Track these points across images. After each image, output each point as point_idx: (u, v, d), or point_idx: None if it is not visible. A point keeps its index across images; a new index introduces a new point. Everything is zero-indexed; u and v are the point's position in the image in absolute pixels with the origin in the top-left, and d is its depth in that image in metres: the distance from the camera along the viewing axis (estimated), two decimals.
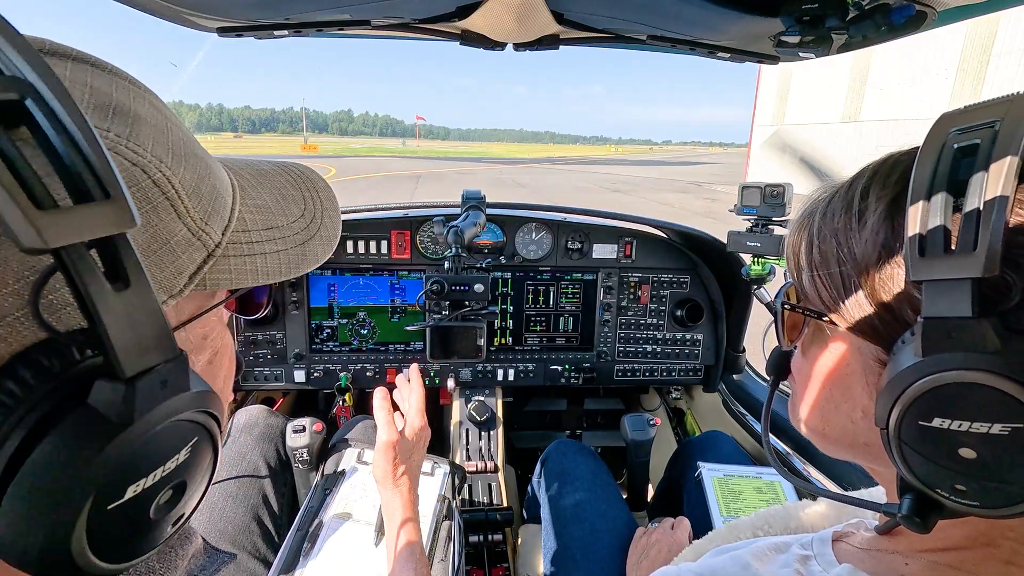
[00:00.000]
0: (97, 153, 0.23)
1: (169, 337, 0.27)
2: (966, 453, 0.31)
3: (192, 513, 0.33)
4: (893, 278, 0.36)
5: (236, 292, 0.42)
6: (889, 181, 0.38)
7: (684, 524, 1.10)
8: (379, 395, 0.98)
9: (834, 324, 0.41)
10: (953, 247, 0.30)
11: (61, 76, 0.29)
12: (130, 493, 0.27)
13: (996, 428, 0.29)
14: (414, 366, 1.07)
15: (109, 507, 0.26)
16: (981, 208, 0.29)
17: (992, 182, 0.29)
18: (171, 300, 0.33)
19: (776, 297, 0.48)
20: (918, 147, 0.35)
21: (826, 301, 0.41)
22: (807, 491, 0.49)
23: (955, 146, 0.32)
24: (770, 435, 0.56)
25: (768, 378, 0.54)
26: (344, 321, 1.66)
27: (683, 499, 1.29)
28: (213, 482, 0.36)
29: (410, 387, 1.03)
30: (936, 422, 0.31)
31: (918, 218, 0.32)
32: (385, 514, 0.91)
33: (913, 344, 0.32)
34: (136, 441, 0.26)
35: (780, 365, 0.51)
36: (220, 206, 0.37)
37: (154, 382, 0.26)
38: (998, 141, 0.30)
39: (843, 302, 0.39)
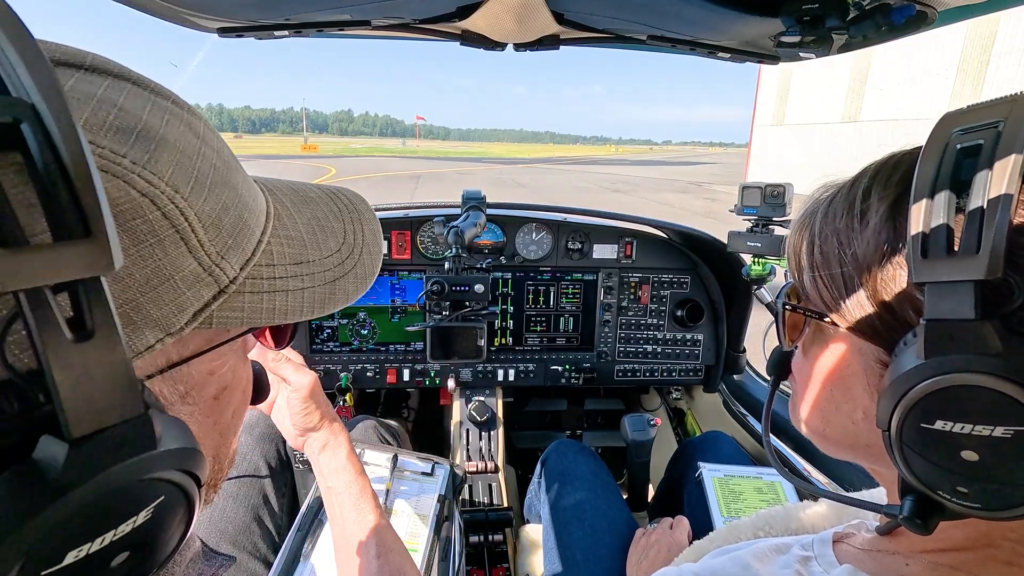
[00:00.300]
0: (85, 186, 0.21)
1: (133, 395, 0.25)
2: (968, 456, 0.31)
3: (165, 563, 0.30)
4: (895, 279, 0.36)
5: (249, 330, 0.39)
6: (891, 181, 0.38)
7: (683, 523, 1.10)
8: (269, 354, 0.81)
9: (835, 325, 0.41)
10: (956, 249, 0.30)
11: (91, 95, 0.28)
12: (71, 559, 0.24)
13: (999, 431, 0.29)
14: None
15: (44, 573, 0.23)
16: (984, 209, 0.29)
17: (995, 183, 0.29)
18: (168, 339, 0.30)
19: (777, 297, 0.48)
20: (920, 147, 0.35)
21: (827, 301, 0.41)
22: (808, 492, 0.49)
23: (958, 146, 0.32)
24: (770, 435, 0.56)
25: (768, 378, 0.54)
26: (344, 321, 1.66)
27: (683, 499, 1.29)
28: None
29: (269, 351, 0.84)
30: (938, 424, 0.31)
31: (920, 219, 0.32)
32: (327, 465, 0.82)
33: (915, 346, 0.32)
34: (78, 506, 0.23)
35: (781, 365, 0.51)
36: (244, 239, 0.34)
37: (106, 444, 0.24)
38: (1001, 142, 0.30)
39: (844, 303, 0.39)
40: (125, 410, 0.24)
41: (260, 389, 0.48)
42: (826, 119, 15.58)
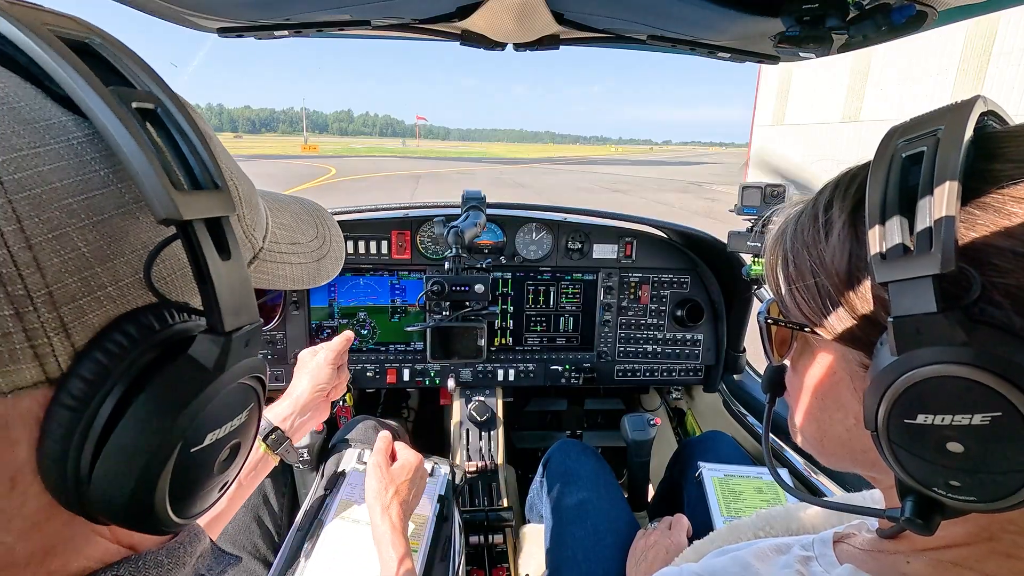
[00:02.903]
0: (209, 153, 0.29)
1: (255, 304, 0.31)
2: (953, 447, 0.31)
3: (233, 482, 0.36)
4: (863, 283, 0.37)
5: (263, 297, 0.46)
6: (848, 193, 0.39)
7: (682, 523, 1.09)
8: (382, 436, 1.10)
9: (816, 334, 0.42)
10: (912, 248, 0.31)
11: None
12: (208, 440, 0.30)
13: (976, 419, 0.30)
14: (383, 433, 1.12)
15: (192, 451, 0.29)
16: (932, 210, 0.31)
17: (939, 187, 0.31)
18: None
19: (759, 314, 0.49)
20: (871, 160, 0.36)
21: (807, 313, 0.42)
22: (811, 503, 0.50)
23: (903, 155, 0.34)
24: (773, 438, 0.57)
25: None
26: (344, 321, 1.66)
27: (683, 499, 1.29)
28: None
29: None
30: (920, 419, 0.32)
31: (877, 225, 0.33)
32: (375, 540, 0.92)
33: (888, 344, 0.33)
34: (222, 390, 0.30)
35: (774, 381, 0.52)
36: (260, 218, 0.42)
37: (242, 340, 0.30)
38: (940, 146, 0.32)
39: (822, 312, 0.41)
40: (252, 315, 0.31)
41: None
42: (826, 119, 15.58)
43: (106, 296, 0.27)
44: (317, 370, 1.07)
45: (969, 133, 0.32)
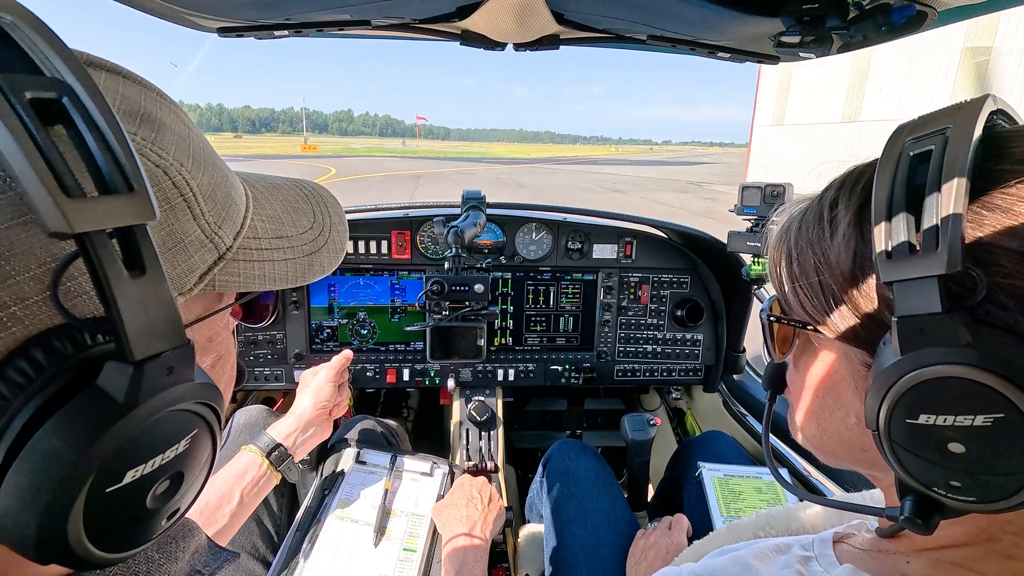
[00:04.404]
0: (124, 150, 0.25)
1: (179, 326, 0.28)
2: (955, 448, 0.31)
3: (187, 509, 0.34)
4: (867, 282, 0.37)
5: (244, 297, 0.43)
6: (855, 191, 0.39)
7: (682, 523, 1.09)
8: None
9: (819, 332, 0.42)
10: (917, 247, 0.31)
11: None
12: (128, 478, 0.27)
13: (979, 420, 0.30)
14: None
15: (107, 491, 0.26)
16: (939, 209, 0.30)
17: (947, 186, 0.30)
18: (180, 297, 0.34)
19: (761, 311, 0.49)
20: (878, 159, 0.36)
21: (810, 311, 0.42)
22: (811, 501, 0.50)
23: (911, 153, 0.34)
24: (773, 438, 0.57)
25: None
26: (344, 321, 1.66)
27: (683, 499, 1.29)
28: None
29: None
30: (922, 419, 0.32)
31: (883, 223, 0.33)
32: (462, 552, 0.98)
33: (892, 344, 0.33)
34: (139, 425, 0.27)
35: (775, 379, 0.52)
36: (233, 212, 0.38)
37: (161, 368, 0.27)
38: (949, 145, 0.31)
39: (826, 310, 0.40)
40: (174, 338, 0.28)
41: (241, 375, 0.52)
42: (826, 119, 15.57)
43: (10, 317, 0.25)
44: (319, 388, 1.09)
45: (978, 132, 0.32)
